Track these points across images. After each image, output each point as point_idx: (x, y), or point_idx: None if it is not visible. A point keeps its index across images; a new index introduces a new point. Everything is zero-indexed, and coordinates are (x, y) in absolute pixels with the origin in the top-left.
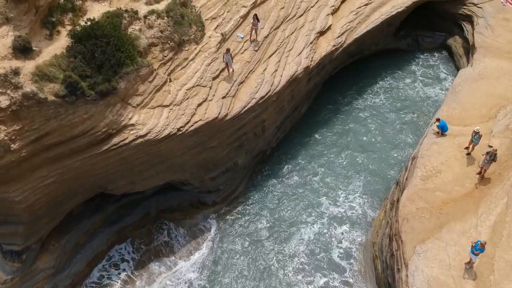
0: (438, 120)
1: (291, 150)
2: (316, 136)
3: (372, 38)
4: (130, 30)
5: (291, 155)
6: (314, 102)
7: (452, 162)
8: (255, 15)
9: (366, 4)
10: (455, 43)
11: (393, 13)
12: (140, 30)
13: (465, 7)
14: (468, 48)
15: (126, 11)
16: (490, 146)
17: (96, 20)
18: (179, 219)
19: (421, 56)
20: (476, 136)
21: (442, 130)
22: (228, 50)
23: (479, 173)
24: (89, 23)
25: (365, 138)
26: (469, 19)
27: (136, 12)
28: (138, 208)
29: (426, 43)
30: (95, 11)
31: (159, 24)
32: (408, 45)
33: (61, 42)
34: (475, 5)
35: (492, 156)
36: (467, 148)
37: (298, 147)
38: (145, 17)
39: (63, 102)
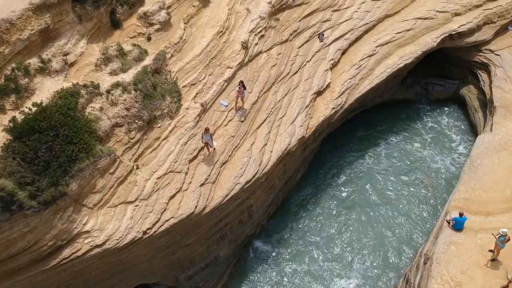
0: (460, 215)
1: (283, 225)
2: (313, 206)
3: (376, 91)
4: (88, 110)
5: (283, 232)
6: (311, 165)
7: (474, 270)
8: (241, 82)
9: (370, 56)
10: (470, 93)
11: (401, 65)
12: (101, 109)
13: (480, 54)
14: (484, 100)
15: (85, 86)
16: None
17: (44, 105)
18: None
19: (431, 109)
20: (502, 239)
21: (458, 227)
22: (207, 130)
23: (506, 287)
24: (34, 109)
25: (367, 210)
26: (486, 67)
27: (96, 87)
28: None
29: (437, 92)
30: (45, 90)
31: (125, 100)
32: (417, 94)
33: None
34: (492, 51)
35: None
36: (491, 251)
37: (292, 221)
38: (108, 92)
39: None
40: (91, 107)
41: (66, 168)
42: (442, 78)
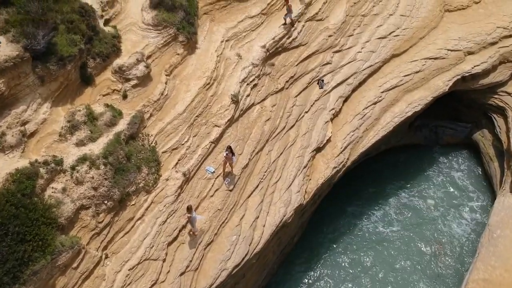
0: None
1: None
2: (311, 275)
3: (382, 139)
4: (48, 192)
5: None
6: (310, 225)
7: None
8: (229, 147)
9: (375, 103)
10: (483, 139)
11: (409, 113)
12: (64, 190)
13: (496, 96)
14: (500, 148)
15: (45, 163)
16: None
17: None
18: None
19: (441, 156)
20: None
21: None
22: (189, 208)
23: None
24: None
25: (371, 282)
26: (502, 111)
27: (59, 162)
28: None
29: (447, 136)
30: None
31: (92, 178)
32: (426, 138)
33: None
34: (508, 94)
35: None
36: None
37: None
38: (72, 168)
39: None
40: (52, 188)
41: (16, 273)
42: (453, 120)
